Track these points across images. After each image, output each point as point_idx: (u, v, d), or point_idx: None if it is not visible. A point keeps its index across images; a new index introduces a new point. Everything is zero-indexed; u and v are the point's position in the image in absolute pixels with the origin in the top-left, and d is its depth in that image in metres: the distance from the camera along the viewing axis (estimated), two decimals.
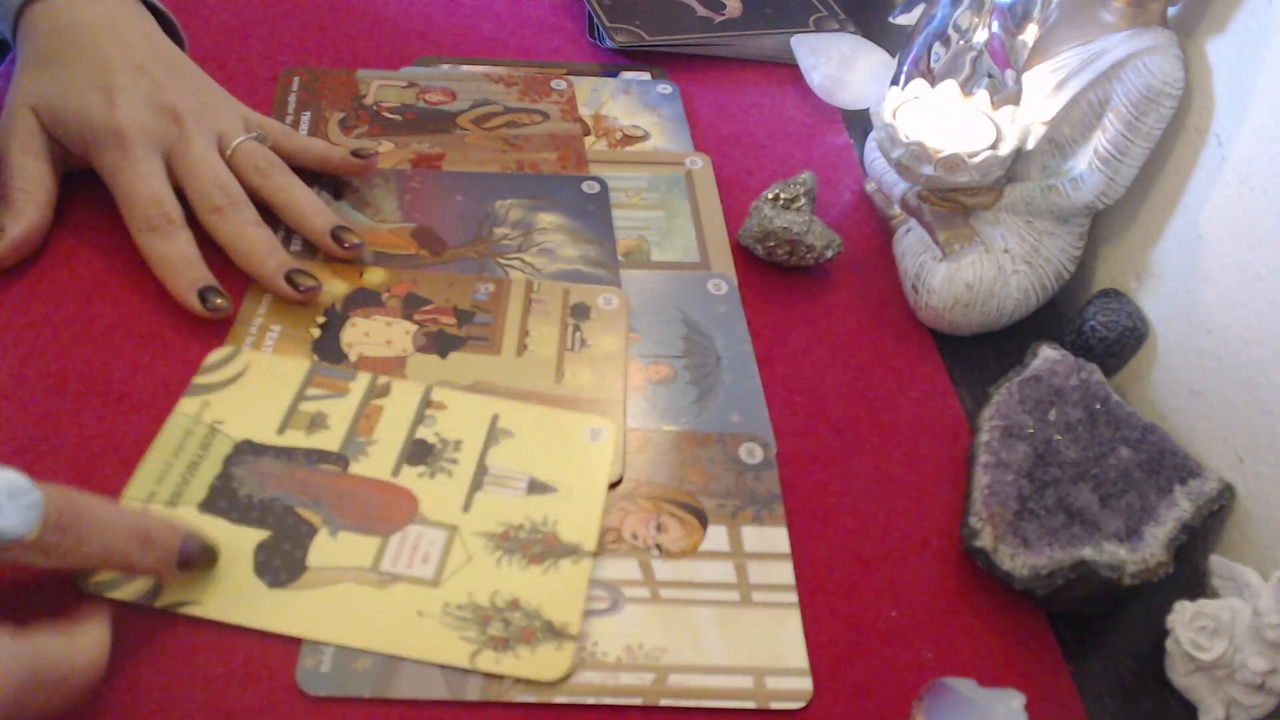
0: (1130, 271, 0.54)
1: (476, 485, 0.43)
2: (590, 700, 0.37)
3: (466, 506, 0.42)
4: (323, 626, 0.38)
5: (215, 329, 0.48)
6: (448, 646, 0.38)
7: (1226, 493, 0.45)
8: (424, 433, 0.44)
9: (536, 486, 0.43)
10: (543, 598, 0.39)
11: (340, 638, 0.37)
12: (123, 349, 0.46)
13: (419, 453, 0.43)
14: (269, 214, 0.51)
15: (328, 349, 0.47)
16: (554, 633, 0.38)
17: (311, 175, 0.55)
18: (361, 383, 0.46)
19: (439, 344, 0.48)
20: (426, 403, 0.45)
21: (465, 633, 0.38)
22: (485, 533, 0.41)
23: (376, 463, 0.43)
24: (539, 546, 0.41)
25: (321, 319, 0.49)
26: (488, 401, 0.46)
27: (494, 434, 0.45)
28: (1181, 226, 0.51)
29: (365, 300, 0.50)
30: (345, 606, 0.38)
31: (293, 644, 0.37)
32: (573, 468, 0.44)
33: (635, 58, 0.70)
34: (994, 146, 0.51)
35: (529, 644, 0.38)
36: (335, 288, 0.50)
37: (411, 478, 0.42)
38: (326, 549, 0.40)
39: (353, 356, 0.47)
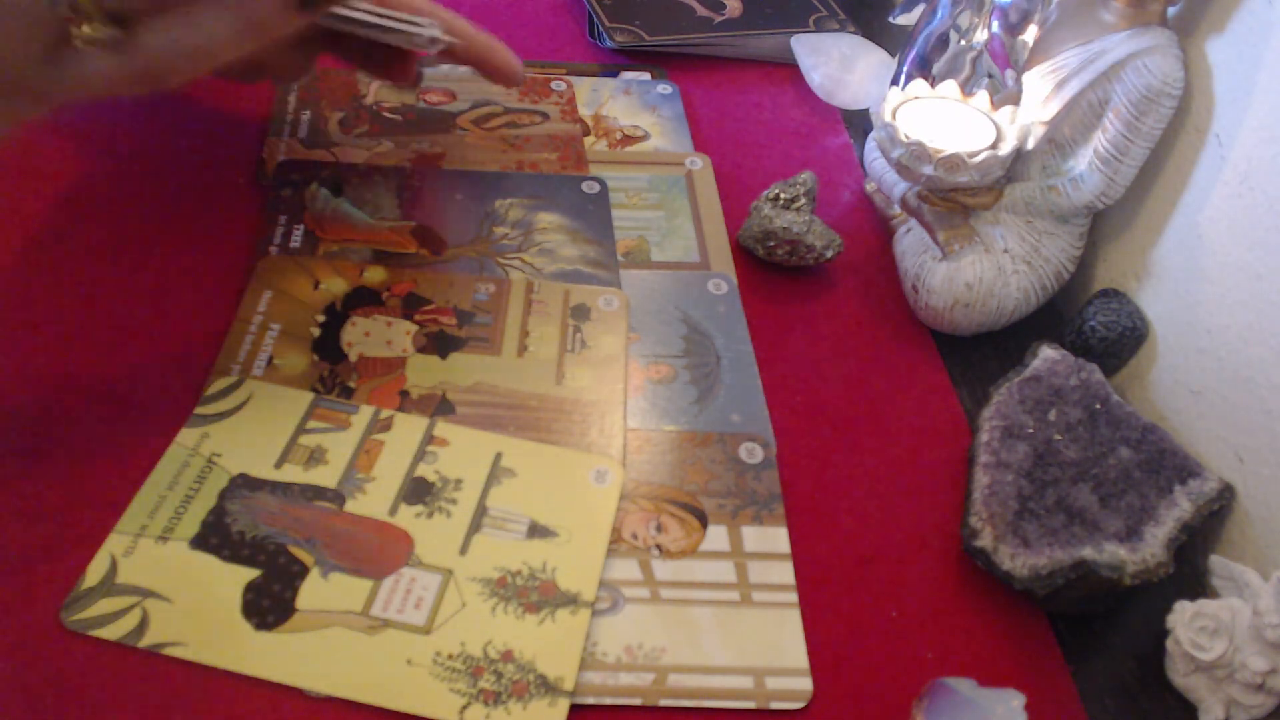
0: (1130, 271, 0.54)
1: (475, 527, 0.42)
2: (590, 700, 0.37)
3: (463, 549, 0.41)
4: (309, 673, 0.37)
5: (216, 325, 0.48)
6: (436, 699, 0.36)
7: (1226, 493, 0.45)
8: (424, 470, 0.43)
9: (537, 530, 0.42)
10: (537, 649, 0.38)
11: (326, 686, 0.36)
12: (125, 347, 0.46)
13: (418, 491, 0.42)
14: None
15: (327, 348, 0.47)
16: (548, 687, 0.37)
17: (312, 170, 0.55)
18: (364, 416, 0.45)
19: (439, 344, 0.48)
20: (429, 438, 0.44)
21: (455, 684, 0.37)
22: (481, 578, 0.40)
23: (374, 501, 0.42)
24: (536, 594, 0.40)
25: (321, 318, 0.49)
26: (491, 438, 0.45)
27: (496, 473, 0.43)
28: (1181, 226, 0.51)
29: (365, 299, 0.50)
30: (333, 652, 0.37)
31: (278, 688, 0.36)
32: (575, 511, 0.43)
33: (635, 58, 0.70)
34: (994, 146, 0.51)
35: (521, 699, 0.37)
36: (335, 286, 0.50)
37: (409, 518, 0.42)
38: (317, 591, 0.39)
39: (352, 356, 0.47)
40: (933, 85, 0.54)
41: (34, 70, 0.33)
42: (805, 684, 0.39)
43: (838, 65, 0.67)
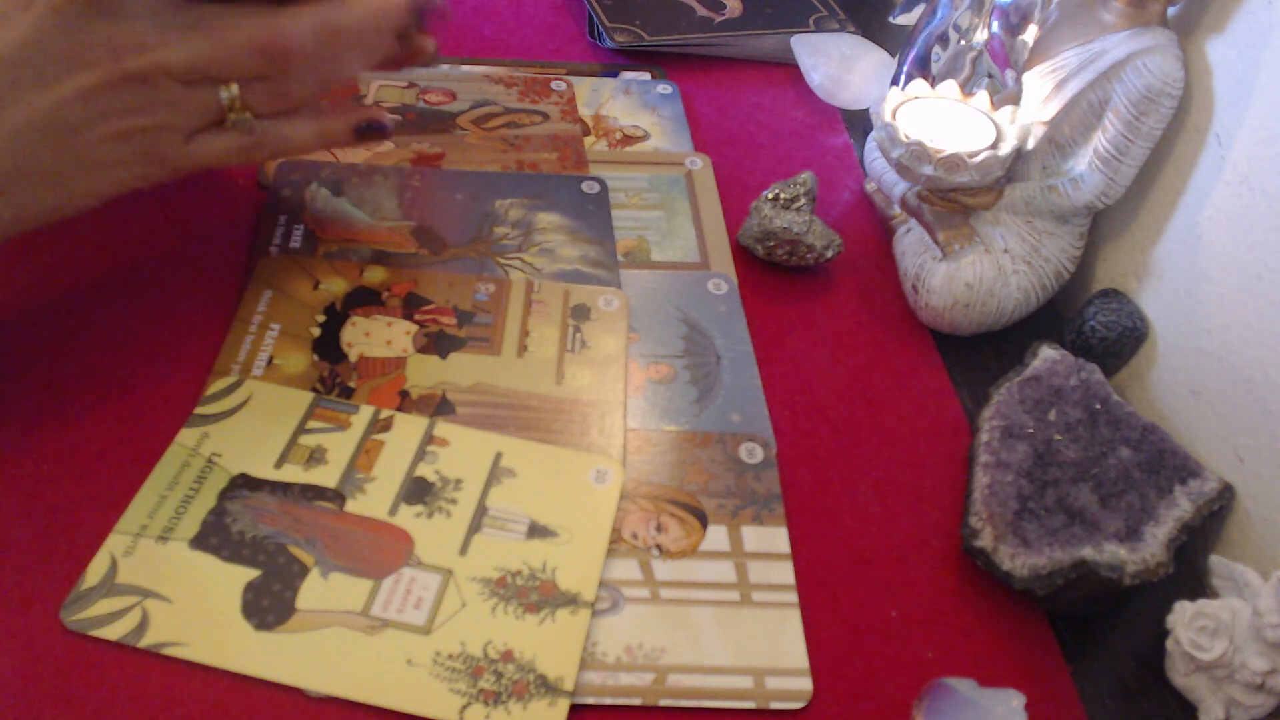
0: (1130, 271, 0.54)
1: (475, 527, 0.41)
2: (590, 700, 0.37)
3: (463, 549, 0.41)
4: (309, 673, 0.37)
5: (216, 325, 0.48)
6: (436, 699, 0.36)
7: (1226, 493, 0.45)
8: (424, 470, 0.43)
9: (537, 530, 0.42)
10: (537, 649, 0.38)
11: (326, 686, 0.36)
12: (125, 347, 0.46)
13: (418, 491, 0.42)
14: None
15: (327, 348, 0.47)
16: (547, 687, 0.37)
17: (312, 170, 0.55)
18: (364, 416, 0.45)
19: (439, 344, 0.48)
20: (429, 438, 0.44)
21: (455, 685, 0.37)
22: (481, 578, 0.40)
23: (374, 500, 0.42)
24: (536, 594, 0.40)
25: (321, 318, 0.49)
26: (491, 438, 0.45)
27: (496, 473, 0.43)
28: (1181, 226, 0.51)
29: (365, 299, 0.50)
30: (333, 652, 0.37)
31: (278, 688, 0.36)
32: (575, 512, 0.43)
33: (635, 58, 0.70)
34: (994, 146, 0.51)
35: (521, 699, 0.37)
36: (335, 286, 0.50)
37: (409, 517, 0.41)
38: (317, 590, 0.39)
39: (353, 356, 0.47)
40: (933, 85, 0.54)
41: (176, 147, 0.41)
42: (805, 684, 0.39)
43: (838, 65, 0.67)
